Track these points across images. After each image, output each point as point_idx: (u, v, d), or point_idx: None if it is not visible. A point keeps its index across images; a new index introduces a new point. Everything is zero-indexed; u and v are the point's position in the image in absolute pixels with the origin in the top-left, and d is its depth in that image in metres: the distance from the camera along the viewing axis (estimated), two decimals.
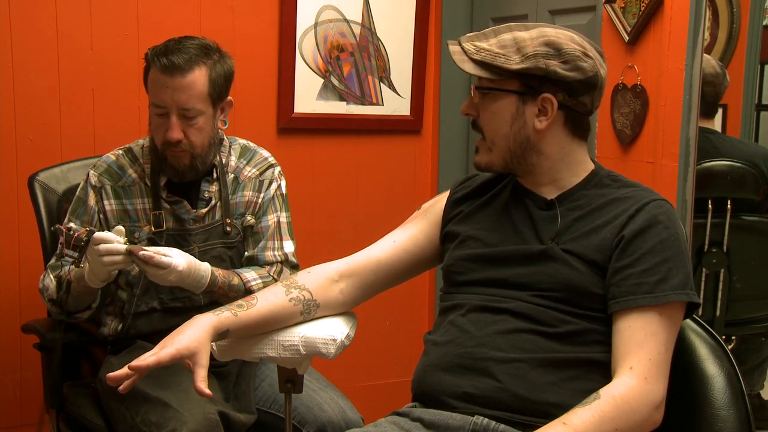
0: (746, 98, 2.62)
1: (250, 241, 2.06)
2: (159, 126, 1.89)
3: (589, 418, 1.30)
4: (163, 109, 1.86)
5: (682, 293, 1.39)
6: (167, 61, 1.83)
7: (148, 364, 1.38)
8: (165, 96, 1.85)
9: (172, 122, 1.86)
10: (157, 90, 1.86)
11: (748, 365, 2.56)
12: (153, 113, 1.89)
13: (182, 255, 1.79)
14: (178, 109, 1.85)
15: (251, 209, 2.05)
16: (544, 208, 1.52)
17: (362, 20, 2.94)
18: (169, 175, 1.94)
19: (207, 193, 2.00)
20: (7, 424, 2.58)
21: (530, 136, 1.49)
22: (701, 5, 2.05)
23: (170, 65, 1.83)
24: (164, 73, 1.84)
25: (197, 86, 1.86)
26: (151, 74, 1.87)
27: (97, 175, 1.98)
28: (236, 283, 1.93)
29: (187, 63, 1.84)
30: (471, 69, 1.48)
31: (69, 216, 1.98)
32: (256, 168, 2.07)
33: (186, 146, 1.89)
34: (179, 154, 1.90)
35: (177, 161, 1.91)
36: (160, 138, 1.90)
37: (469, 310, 1.50)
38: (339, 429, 1.87)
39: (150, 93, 1.89)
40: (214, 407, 1.78)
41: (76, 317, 1.96)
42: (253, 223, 2.05)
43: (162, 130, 1.88)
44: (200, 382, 1.39)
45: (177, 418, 1.73)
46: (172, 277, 1.76)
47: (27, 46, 2.52)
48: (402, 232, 1.68)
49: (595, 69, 1.47)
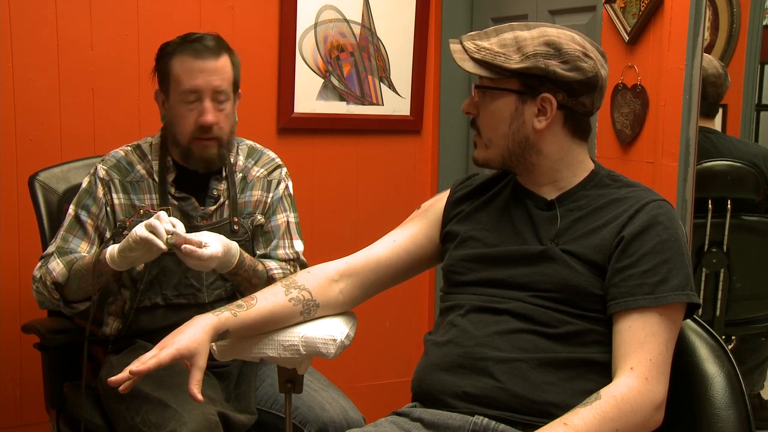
0: (746, 98, 2.62)
1: (260, 241, 2.08)
2: (188, 114, 1.89)
3: (590, 419, 1.30)
4: (196, 94, 1.88)
5: (682, 294, 1.39)
6: (200, 45, 1.88)
7: (148, 367, 1.38)
8: (199, 80, 1.87)
9: (206, 106, 1.88)
10: (189, 75, 1.87)
11: (748, 365, 2.56)
12: (181, 102, 1.90)
13: (217, 239, 1.78)
14: (212, 92, 1.88)
15: (260, 208, 2.06)
16: (544, 209, 1.52)
17: (362, 20, 2.94)
18: (196, 167, 1.94)
19: (216, 191, 2.01)
20: (7, 424, 2.58)
21: (529, 135, 1.49)
22: (701, 5, 2.05)
23: (203, 49, 1.88)
24: (197, 58, 1.87)
25: (227, 70, 1.91)
26: (179, 62, 1.89)
27: (105, 168, 1.98)
28: (260, 270, 1.95)
29: (217, 47, 1.90)
30: (471, 68, 1.48)
31: (74, 207, 1.97)
32: (264, 168, 2.09)
33: (216, 132, 1.90)
34: (208, 144, 1.91)
35: (205, 151, 1.92)
36: (189, 126, 1.90)
37: (469, 311, 1.50)
38: (341, 428, 1.87)
39: (178, 82, 1.89)
40: (214, 408, 1.78)
41: (73, 307, 1.92)
42: (263, 222, 2.07)
43: (193, 116, 1.89)
44: (194, 386, 1.39)
45: (177, 419, 1.73)
46: (213, 265, 1.77)
47: (27, 46, 2.52)
48: (402, 231, 1.68)
49: (595, 70, 1.47)
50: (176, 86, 1.90)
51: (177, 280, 1.97)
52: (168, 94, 1.93)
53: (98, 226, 1.96)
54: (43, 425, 2.26)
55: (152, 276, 1.96)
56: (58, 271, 1.88)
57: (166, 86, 1.93)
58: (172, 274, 1.97)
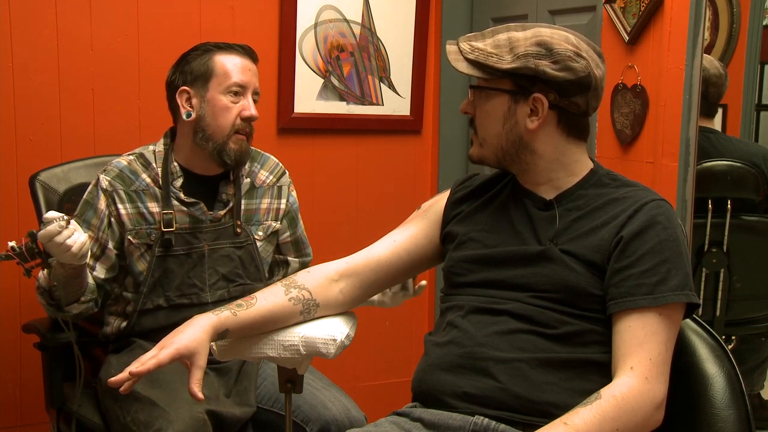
0: (746, 98, 2.62)
1: (291, 248, 2.18)
2: (230, 109, 1.96)
3: (590, 418, 1.30)
4: (242, 89, 1.97)
5: (681, 294, 1.39)
6: (242, 49, 2.01)
7: (148, 368, 1.38)
8: (247, 77, 1.98)
9: (250, 102, 1.99)
10: (239, 71, 1.97)
11: (748, 365, 2.56)
12: (226, 95, 1.96)
13: None
14: (253, 90, 2.00)
15: (272, 215, 2.11)
16: (543, 208, 1.52)
17: (362, 20, 2.94)
18: (228, 160, 1.98)
19: (225, 194, 2.03)
20: (7, 424, 2.58)
21: (522, 135, 1.49)
22: (701, 5, 2.05)
23: (250, 51, 2.02)
24: (245, 57, 2.00)
25: (258, 75, 2.04)
26: (226, 59, 1.97)
27: (108, 179, 1.97)
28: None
29: (255, 54, 2.04)
30: (464, 68, 1.49)
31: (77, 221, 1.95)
32: (272, 175, 2.13)
33: (251, 128, 2.01)
34: (243, 138, 1.99)
35: (240, 145, 1.99)
36: (231, 119, 1.97)
37: (469, 312, 1.50)
38: (343, 427, 1.87)
39: (226, 76, 1.96)
40: (202, 407, 1.77)
41: (66, 310, 1.90)
42: (279, 228, 2.12)
43: (236, 110, 1.97)
44: (194, 384, 1.39)
45: (164, 418, 1.74)
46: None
47: (27, 46, 2.52)
48: (402, 231, 1.68)
49: (587, 70, 1.46)
50: (222, 80, 1.96)
51: (179, 281, 1.97)
52: (205, 89, 1.96)
53: (99, 238, 1.96)
54: (43, 425, 2.26)
55: (155, 279, 1.96)
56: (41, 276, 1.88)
57: (203, 82, 1.96)
58: (175, 276, 1.97)
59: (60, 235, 1.67)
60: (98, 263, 1.96)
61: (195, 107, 1.97)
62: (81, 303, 1.91)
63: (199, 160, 2.00)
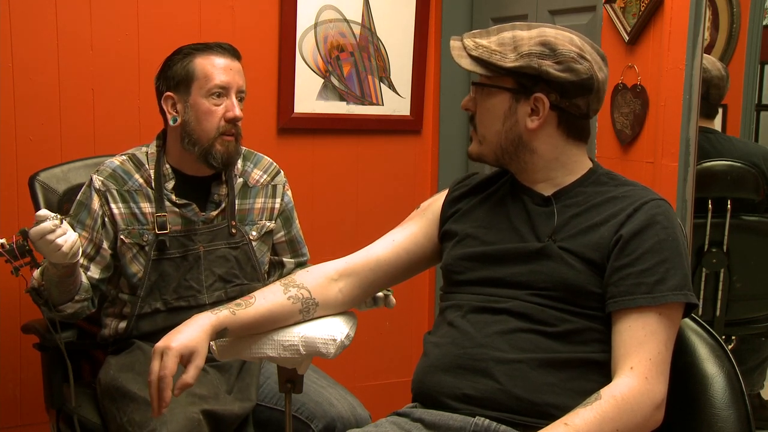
0: (746, 98, 2.62)
1: (286, 248, 2.15)
2: (214, 110, 1.94)
3: (591, 419, 1.30)
4: (224, 90, 1.94)
5: (680, 294, 1.39)
6: (221, 48, 1.96)
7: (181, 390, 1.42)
8: (228, 77, 1.95)
9: (234, 102, 1.96)
10: (219, 72, 1.94)
11: (748, 365, 2.56)
12: (208, 98, 1.94)
13: None
14: (236, 90, 1.96)
15: (267, 215, 2.09)
16: (541, 204, 1.52)
17: (362, 20, 2.94)
18: (215, 162, 1.96)
19: (217, 195, 2.02)
20: (7, 424, 2.58)
21: (522, 134, 1.49)
22: (701, 5, 2.05)
23: (231, 49, 1.98)
24: (224, 57, 1.96)
25: (243, 73, 2.00)
26: (206, 61, 1.94)
27: (101, 179, 1.97)
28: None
29: (236, 52, 2.00)
30: (467, 65, 1.49)
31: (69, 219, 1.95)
32: (266, 174, 2.11)
33: (238, 129, 1.98)
34: (229, 139, 1.96)
35: (227, 146, 1.96)
36: (216, 121, 1.94)
37: (468, 311, 1.50)
38: (349, 424, 1.87)
39: (207, 78, 1.93)
40: (197, 407, 1.77)
41: (60, 310, 1.90)
42: (273, 228, 2.10)
43: (220, 113, 1.94)
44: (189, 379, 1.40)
45: (158, 418, 1.73)
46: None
47: (27, 46, 2.52)
48: (401, 231, 1.67)
49: (590, 72, 1.46)
50: (203, 83, 1.93)
51: (176, 284, 1.97)
52: (188, 94, 1.94)
53: (93, 238, 1.96)
54: (43, 425, 2.26)
55: (151, 282, 1.96)
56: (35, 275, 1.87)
57: (185, 86, 1.95)
58: (171, 279, 1.97)
59: (52, 233, 1.67)
60: (93, 263, 1.96)
61: (180, 112, 1.96)
62: (75, 302, 1.91)
63: (189, 163, 2.00)
